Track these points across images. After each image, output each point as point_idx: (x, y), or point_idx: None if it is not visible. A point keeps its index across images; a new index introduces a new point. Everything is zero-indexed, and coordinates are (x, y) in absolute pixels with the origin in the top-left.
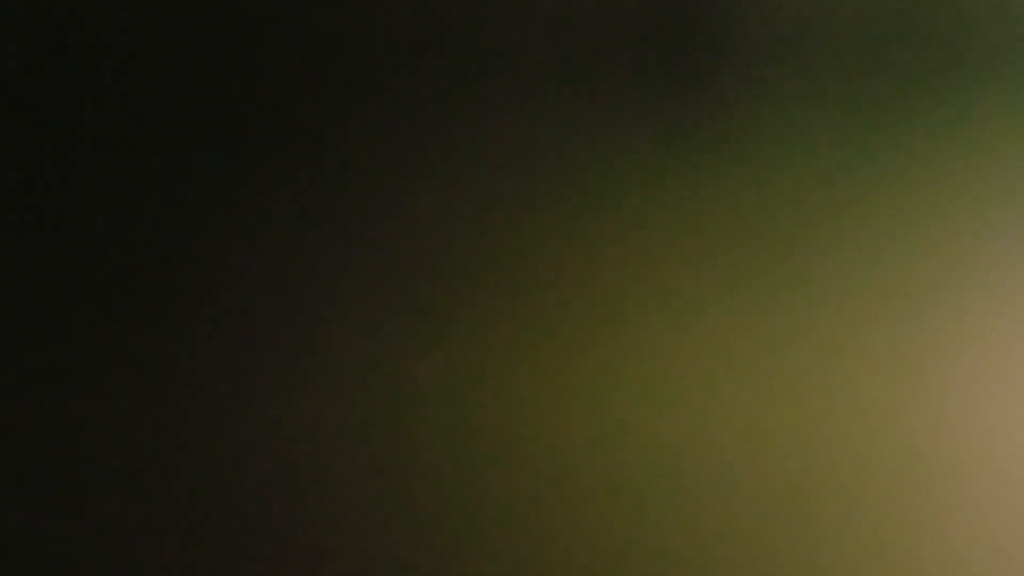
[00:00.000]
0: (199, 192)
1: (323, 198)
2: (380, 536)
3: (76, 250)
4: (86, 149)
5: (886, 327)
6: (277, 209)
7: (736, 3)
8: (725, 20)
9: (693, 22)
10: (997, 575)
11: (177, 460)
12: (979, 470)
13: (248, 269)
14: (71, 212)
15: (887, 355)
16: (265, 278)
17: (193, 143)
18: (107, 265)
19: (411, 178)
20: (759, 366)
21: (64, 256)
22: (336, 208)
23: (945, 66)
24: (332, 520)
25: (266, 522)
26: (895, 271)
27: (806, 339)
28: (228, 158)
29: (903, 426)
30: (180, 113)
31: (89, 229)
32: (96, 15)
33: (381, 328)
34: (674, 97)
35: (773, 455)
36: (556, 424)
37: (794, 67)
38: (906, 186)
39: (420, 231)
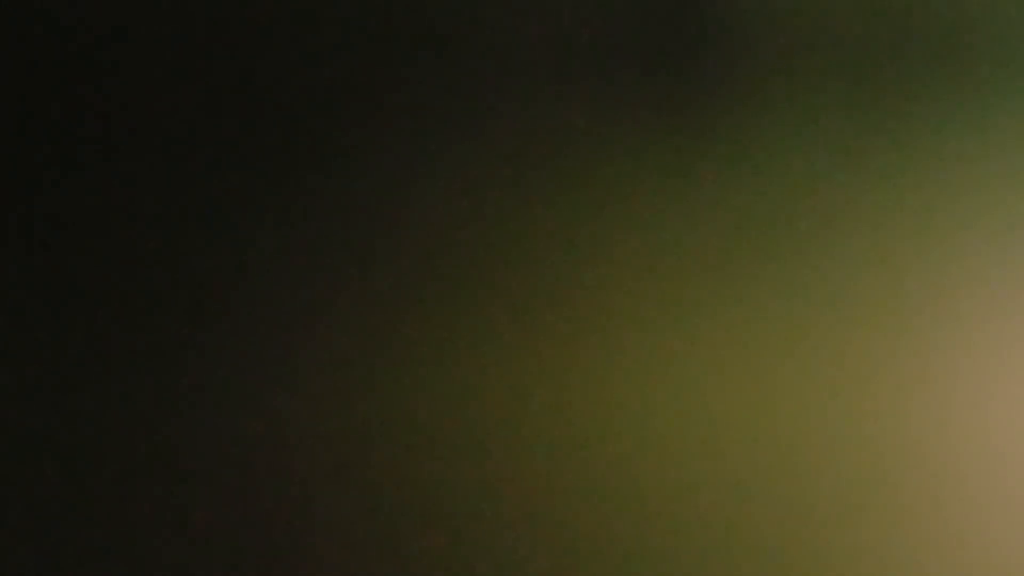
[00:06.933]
0: (200, 192)
1: (323, 198)
2: (381, 536)
3: (76, 250)
4: (86, 149)
5: (886, 328)
6: (277, 209)
7: (737, 4)
8: (726, 20)
9: (694, 22)
10: (997, 575)
11: (177, 460)
12: (980, 471)
13: (249, 270)
14: (71, 212)
15: (887, 356)
16: (265, 279)
17: (193, 143)
18: (108, 265)
19: (411, 178)
20: (758, 366)
21: (64, 256)
22: (336, 207)
23: (945, 66)
24: (333, 520)
25: (267, 523)
26: (896, 272)
27: (806, 339)
28: (229, 158)
29: (903, 427)
30: (180, 113)
31: (89, 229)
32: (96, 15)
33: (381, 328)
34: (675, 98)
35: (773, 456)
36: (556, 424)
37: (795, 68)
38: (906, 187)
39: (419, 231)
